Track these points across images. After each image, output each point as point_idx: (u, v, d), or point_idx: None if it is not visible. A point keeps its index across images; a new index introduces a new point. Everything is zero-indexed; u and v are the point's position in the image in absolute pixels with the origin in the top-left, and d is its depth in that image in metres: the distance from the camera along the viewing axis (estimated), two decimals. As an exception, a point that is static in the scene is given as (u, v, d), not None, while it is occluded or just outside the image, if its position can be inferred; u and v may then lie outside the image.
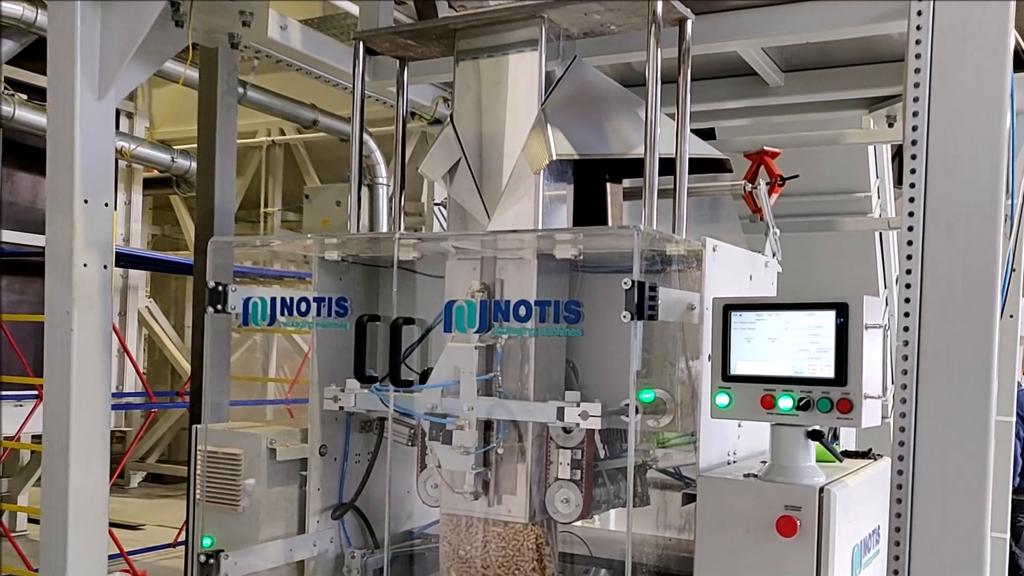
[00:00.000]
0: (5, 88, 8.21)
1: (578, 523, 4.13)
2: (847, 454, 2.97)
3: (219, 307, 2.88)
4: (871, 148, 5.84)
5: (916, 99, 2.25)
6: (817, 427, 2.43)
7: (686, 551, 3.02)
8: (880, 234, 6.04)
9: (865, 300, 2.33)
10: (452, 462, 2.80)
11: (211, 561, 2.86)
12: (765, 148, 3.41)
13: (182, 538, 7.92)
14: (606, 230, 2.87)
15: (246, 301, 2.90)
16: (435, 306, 2.99)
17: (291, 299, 2.86)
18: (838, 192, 5.88)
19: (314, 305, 2.86)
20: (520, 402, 2.77)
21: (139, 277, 11.46)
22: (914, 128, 2.27)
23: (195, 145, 5.76)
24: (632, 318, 2.30)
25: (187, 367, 11.29)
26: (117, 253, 7.94)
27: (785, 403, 2.40)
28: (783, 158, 3.46)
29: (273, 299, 2.87)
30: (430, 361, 3.04)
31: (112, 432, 12.01)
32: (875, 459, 2.97)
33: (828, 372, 2.35)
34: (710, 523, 2.48)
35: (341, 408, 3.02)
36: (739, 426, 2.96)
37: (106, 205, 3.24)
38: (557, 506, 2.87)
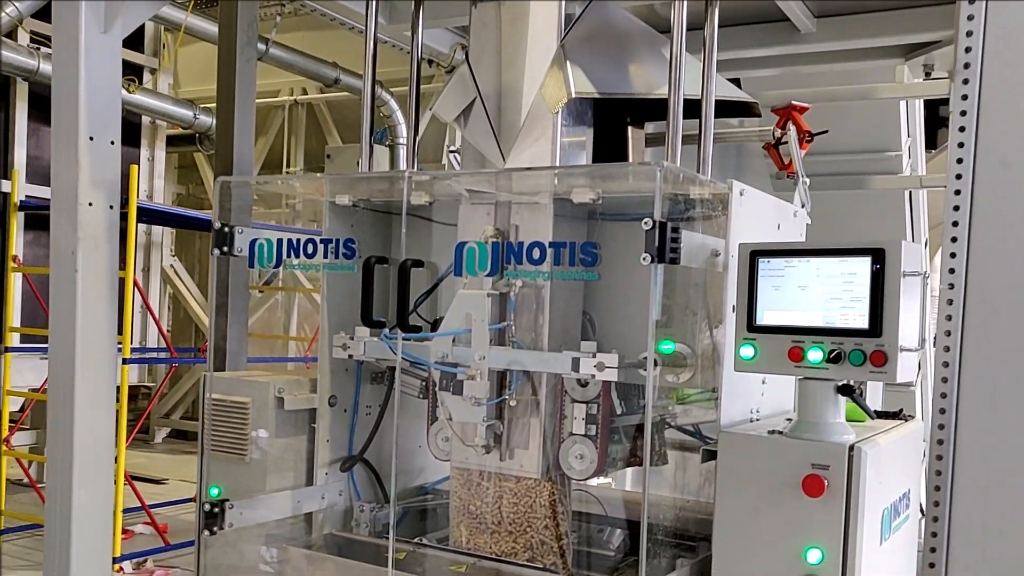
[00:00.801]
0: (30, 42, 8.16)
1: (594, 482, 4.03)
2: (877, 414, 2.83)
3: (225, 249, 2.78)
4: (903, 105, 5.63)
5: (971, 17, 2.07)
6: (848, 381, 2.29)
7: (704, 512, 2.92)
8: (910, 194, 5.85)
9: (904, 245, 2.18)
10: (463, 413, 2.69)
11: (216, 510, 2.79)
12: (793, 102, 3.24)
13: (202, 493, 7.95)
14: (626, 166, 2.73)
15: (252, 243, 2.79)
16: (449, 256, 2.88)
17: (298, 240, 2.75)
18: (868, 151, 5.69)
19: (321, 247, 2.75)
20: (534, 352, 2.66)
21: (163, 235, 11.45)
22: (967, 50, 2.09)
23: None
24: (652, 261, 2.17)
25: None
26: (139, 208, 7.92)
27: (814, 355, 2.25)
28: (811, 113, 3.29)
29: (279, 240, 2.77)
30: (441, 311, 2.93)
31: (137, 388, 12.11)
32: (906, 420, 2.83)
33: (862, 323, 2.20)
34: (731, 481, 2.35)
35: (350, 356, 2.92)
36: (763, 382, 2.82)
37: (112, 143, 3.13)
38: (571, 462, 2.76)
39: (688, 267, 2.38)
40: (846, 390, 2.29)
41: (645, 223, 2.16)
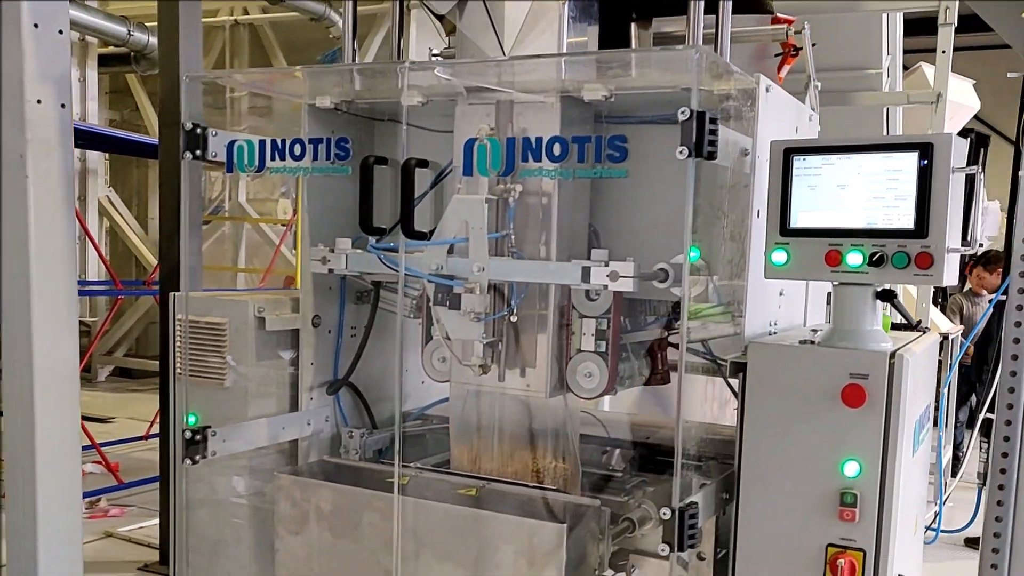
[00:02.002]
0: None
1: (593, 402, 3.90)
2: (894, 327, 2.74)
3: (198, 152, 2.51)
4: (884, 21, 5.52)
5: None
6: (889, 286, 2.16)
7: (717, 434, 2.81)
8: (887, 111, 5.78)
9: (953, 140, 2.04)
10: (460, 330, 2.51)
11: (198, 438, 2.58)
12: (778, 15, 3.06)
13: (154, 431, 7.66)
14: (654, 51, 2.51)
15: (230, 145, 2.52)
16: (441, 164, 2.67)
17: (283, 141, 2.49)
18: (849, 68, 5.58)
19: (310, 147, 2.50)
20: (539, 262, 2.47)
21: (97, 162, 10.88)
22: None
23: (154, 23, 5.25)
24: (689, 155, 1.98)
25: (152, 259, 10.86)
26: (75, 129, 7.45)
27: (854, 259, 2.12)
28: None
29: (262, 142, 2.50)
30: (429, 223, 2.71)
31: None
32: (924, 332, 2.74)
33: (907, 223, 2.07)
34: (761, 395, 2.22)
35: (331, 271, 2.69)
36: (780, 294, 2.69)
37: (60, 33, 2.78)
38: (579, 380, 2.60)
39: (716, 167, 2.21)
40: (887, 295, 2.17)
41: (682, 112, 1.97)
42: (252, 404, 2.83)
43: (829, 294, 3.18)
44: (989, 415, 2.62)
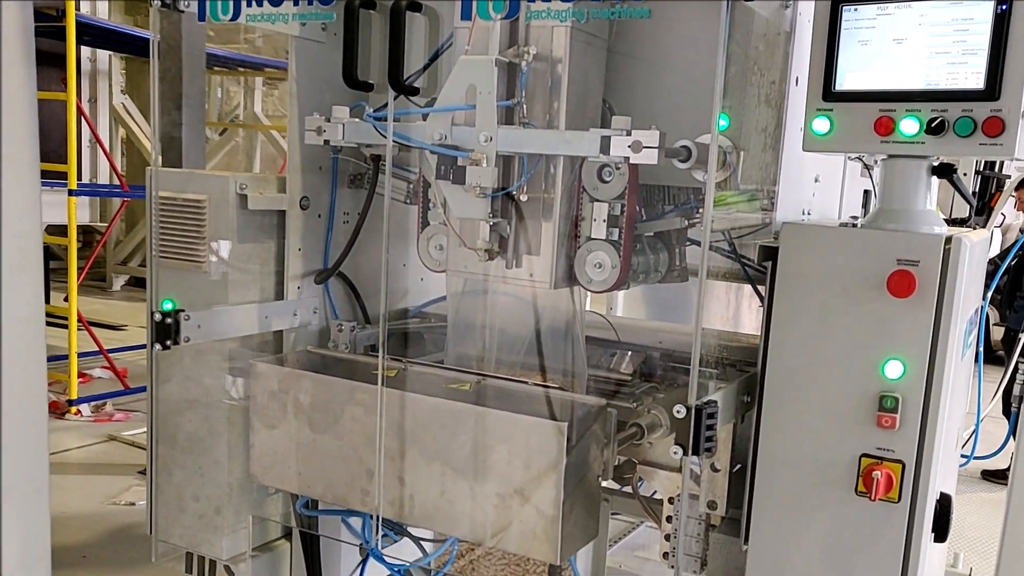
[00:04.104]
0: None
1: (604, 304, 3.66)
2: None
3: (168, 2, 2.23)
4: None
5: None
6: (947, 160, 1.87)
7: (736, 341, 2.57)
8: None
9: (1038, -18, 1.71)
10: (464, 206, 2.24)
11: (169, 321, 2.36)
12: None
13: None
14: None
15: (201, -8, 2.24)
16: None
17: (260, -15, 2.21)
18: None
19: (290, -10, 2.21)
20: (553, 131, 2.19)
21: (111, 65, 10.57)
22: None
23: None
24: (724, -7, 1.68)
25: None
26: (79, 23, 7.15)
27: (909, 126, 1.82)
28: None
29: (236, -13, 2.22)
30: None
31: (92, 234, 11.47)
32: (975, 228, 2.45)
33: (975, 82, 1.76)
34: (794, 284, 1.95)
35: (326, 143, 2.43)
36: (816, 180, 2.41)
37: None
38: (588, 271, 2.34)
39: (751, 12, 1.90)
40: (944, 170, 1.88)
41: (717, -59, 1.66)
42: (234, 291, 2.60)
43: (866, 193, 2.89)
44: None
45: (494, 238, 2.32)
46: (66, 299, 6.83)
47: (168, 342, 2.36)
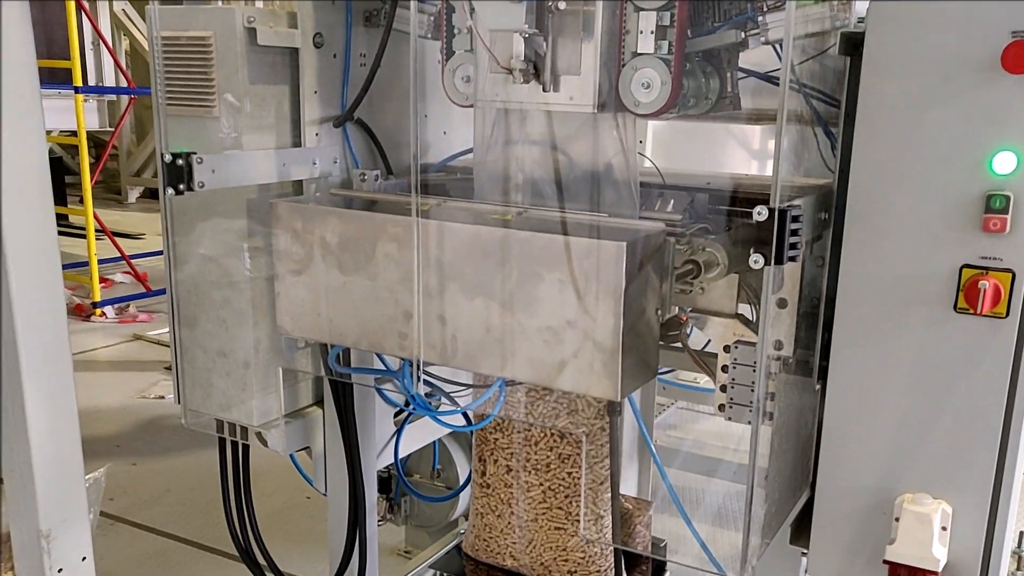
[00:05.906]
0: None
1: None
2: None
3: None
4: None
5: None
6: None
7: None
8: None
9: None
10: (497, 16, 1.99)
11: (180, 163, 2.14)
12: None
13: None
14: None
15: None
16: None
17: None
18: None
19: None
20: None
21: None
22: None
23: None
24: None
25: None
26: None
27: None
28: None
29: None
30: None
31: (99, 140, 11.27)
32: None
33: None
34: (884, 72, 1.69)
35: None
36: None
37: None
38: (633, 92, 2.09)
39: None
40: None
41: None
42: (247, 138, 2.38)
43: None
44: None
45: (529, 54, 2.07)
46: (81, 201, 6.66)
47: (181, 186, 2.15)
